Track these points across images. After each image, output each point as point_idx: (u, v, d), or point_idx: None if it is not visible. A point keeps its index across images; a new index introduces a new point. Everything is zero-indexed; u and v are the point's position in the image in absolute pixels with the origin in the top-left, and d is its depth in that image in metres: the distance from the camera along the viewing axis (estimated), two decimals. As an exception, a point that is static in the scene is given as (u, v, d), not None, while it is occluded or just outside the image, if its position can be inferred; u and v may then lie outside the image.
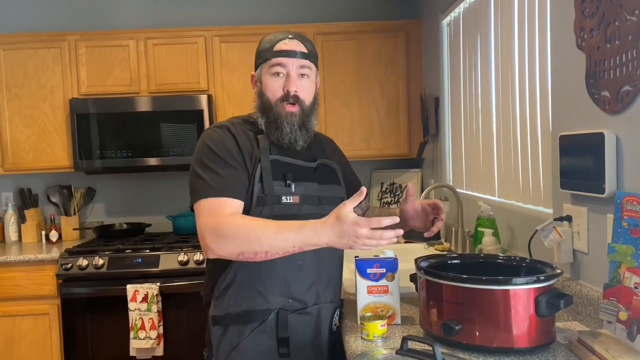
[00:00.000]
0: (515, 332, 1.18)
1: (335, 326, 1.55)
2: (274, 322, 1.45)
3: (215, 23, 3.51)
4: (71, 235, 3.44)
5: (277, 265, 1.43)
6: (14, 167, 3.26)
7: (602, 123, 1.36)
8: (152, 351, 2.84)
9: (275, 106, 1.48)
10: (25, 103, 3.24)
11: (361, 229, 1.21)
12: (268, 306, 1.45)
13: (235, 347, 1.45)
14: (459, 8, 2.63)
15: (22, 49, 3.23)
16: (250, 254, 1.31)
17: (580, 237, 1.48)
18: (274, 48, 1.49)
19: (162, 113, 3.18)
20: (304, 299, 1.48)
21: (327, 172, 1.58)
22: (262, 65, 1.51)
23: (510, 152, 2.06)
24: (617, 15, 1.27)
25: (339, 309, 1.56)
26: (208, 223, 1.35)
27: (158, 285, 2.83)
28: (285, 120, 1.48)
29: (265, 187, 1.43)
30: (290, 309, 1.46)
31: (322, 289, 1.51)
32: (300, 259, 1.44)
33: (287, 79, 1.49)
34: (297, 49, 1.49)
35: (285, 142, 1.49)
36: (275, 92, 1.49)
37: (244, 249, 1.30)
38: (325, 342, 1.50)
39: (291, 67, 1.48)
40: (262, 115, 1.51)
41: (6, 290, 2.96)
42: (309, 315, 1.48)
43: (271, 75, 1.49)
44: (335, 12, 3.59)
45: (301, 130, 1.50)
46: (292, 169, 1.49)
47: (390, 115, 3.35)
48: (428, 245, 2.57)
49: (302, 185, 1.48)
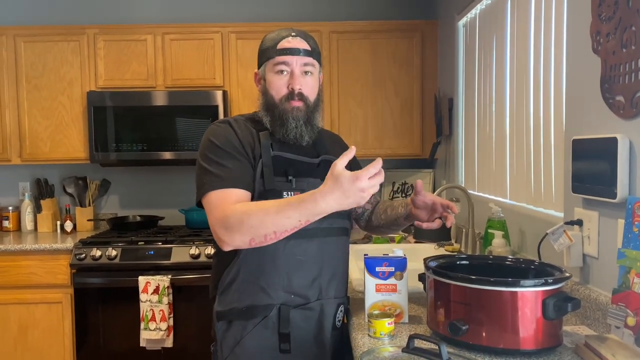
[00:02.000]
0: (522, 334, 1.18)
1: (340, 322, 1.55)
2: (276, 318, 1.45)
3: (231, 20, 3.54)
4: (85, 226, 3.50)
5: (279, 260, 1.44)
6: (31, 157, 3.32)
7: (615, 128, 1.35)
8: (161, 342, 2.88)
9: (280, 104, 1.49)
10: (44, 95, 3.29)
11: (362, 182, 1.22)
12: (270, 301, 1.45)
13: (238, 342, 1.46)
14: (475, 9, 2.62)
15: (41, 42, 3.28)
16: (261, 238, 1.32)
17: (591, 242, 1.47)
18: (277, 46, 1.49)
19: (177, 108, 3.22)
20: (306, 294, 1.47)
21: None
22: (266, 63, 1.52)
23: (522, 155, 2.06)
24: (633, 20, 1.27)
25: (343, 305, 1.56)
26: (217, 216, 1.37)
27: (169, 277, 2.87)
28: (290, 116, 1.48)
29: (266, 182, 1.43)
30: (293, 304, 1.46)
31: (325, 285, 1.50)
32: (301, 254, 1.45)
33: (291, 77, 1.49)
34: (301, 47, 1.49)
35: (290, 138, 1.50)
36: (280, 90, 1.49)
37: (253, 235, 1.32)
38: (327, 338, 1.50)
39: (295, 65, 1.49)
40: (267, 113, 1.51)
41: (21, 278, 3.02)
42: (312, 311, 1.48)
43: (275, 73, 1.50)
44: (350, 11, 3.60)
45: (306, 126, 1.51)
46: (293, 165, 1.49)
47: (403, 115, 3.36)
48: (438, 246, 2.57)
49: (304, 181, 1.48)
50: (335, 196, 1.25)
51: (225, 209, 1.36)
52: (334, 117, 3.33)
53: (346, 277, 1.61)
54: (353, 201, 1.25)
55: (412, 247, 2.65)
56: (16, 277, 3.02)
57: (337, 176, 1.24)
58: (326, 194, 1.26)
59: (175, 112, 3.22)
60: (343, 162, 1.26)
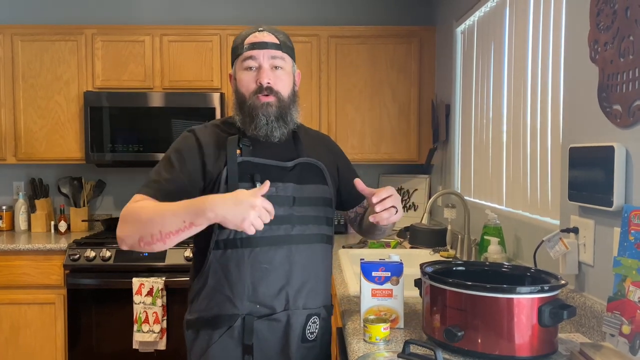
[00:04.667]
0: (517, 341, 1.18)
1: (314, 335, 1.48)
2: (240, 328, 1.41)
3: (230, 22, 3.54)
4: (80, 226, 3.48)
5: (243, 268, 1.41)
6: (26, 157, 3.31)
7: (612, 136, 1.36)
8: (154, 345, 2.86)
9: (249, 99, 1.45)
10: (40, 94, 3.28)
11: (257, 200, 1.22)
12: (235, 311, 1.41)
13: (204, 352, 1.43)
14: (473, 16, 2.64)
15: (39, 41, 3.27)
16: (148, 237, 1.30)
17: (586, 249, 1.48)
18: (244, 42, 1.47)
19: (174, 109, 3.21)
20: (272, 304, 1.42)
21: (307, 172, 1.50)
22: (236, 61, 1.49)
23: (519, 162, 2.07)
24: (631, 30, 1.27)
25: (317, 316, 1.48)
26: (122, 212, 1.38)
27: (163, 279, 2.86)
28: (260, 112, 1.44)
29: (230, 189, 1.38)
30: (257, 314, 1.42)
31: (293, 295, 1.43)
32: (267, 262, 1.41)
33: (258, 72, 1.45)
34: (268, 40, 1.46)
35: (261, 134, 1.45)
36: (249, 85, 1.46)
37: (142, 232, 1.30)
38: (294, 351, 1.44)
39: (262, 58, 1.45)
40: (239, 112, 1.48)
41: (14, 278, 3.00)
42: (277, 322, 1.43)
43: (244, 69, 1.47)
44: (349, 16, 3.61)
45: (278, 122, 1.45)
46: (262, 170, 1.43)
47: (400, 120, 3.36)
48: (433, 251, 2.58)
49: (272, 185, 1.40)
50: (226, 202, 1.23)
51: (128, 205, 1.37)
52: (331, 121, 3.33)
53: (324, 286, 1.52)
54: (239, 213, 1.21)
55: (407, 252, 2.65)
56: (9, 277, 3.00)
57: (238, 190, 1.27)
58: (216, 198, 1.26)
59: (172, 114, 3.21)
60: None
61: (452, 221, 2.70)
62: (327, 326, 1.54)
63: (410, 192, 3.53)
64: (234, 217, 1.22)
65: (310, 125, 1.71)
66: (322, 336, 1.52)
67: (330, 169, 1.57)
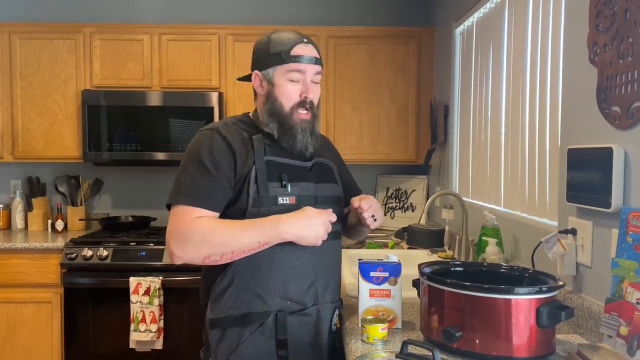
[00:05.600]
0: (515, 342, 1.18)
1: (335, 327, 1.54)
2: (272, 324, 1.43)
3: (229, 22, 3.54)
4: (77, 225, 3.47)
5: (274, 266, 1.43)
6: (23, 155, 3.29)
7: (611, 138, 1.36)
8: (151, 344, 2.86)
9: (291, 112, 1.47)
10: (38, 92, 3.27)
11: (324, 217, 1.40)
12: (267, 308, 1.43)
13: (234, 350, 1.44)
14: (472, 17, 2.64)
15: (37, 39, 3.26)
16: (217, 256, 1.37)
17: (584, 251, 1.48)
18: (291, 52, 1.45)
19: (172, 109, 3.20)
20: (303, 300, 1.46)
21: (322, 171, 1.55)
22: (276, 67, 1.46)
23: (517, 163, 2.07)
24: (631, 32, 1.28)
25: (338, 309, 1.56)
26: (175, 229, 1.37)
27: (161, 279, 2.85)
28: (300, 128, 1.47)
29: (261, 188, 1.41)
30: (289, 310, 1.45)
31: (321, 290, 1.49)
32: (297, 260, 1.44)
33: (304, 85, 1.47)
34: (313, 55, 1.48)
35: (297, 148, 1.48)
36: (292, 98, 1.47)
37: (211, 252, 1.36)
38: (324, 343, 1.49)
39: (309, 73, 1.47)
40: (273, 120, 1.48)
41: (10, 276, 2.99)
42: (308, 317, 1.47)
43: (288, 80, 1.46)
44: (348, 16, 3.61)
45: (312, 137, 1.50)
46: (287, 170, 1.47)
47: (399, 121, 3.36)
48: (431, 252, 2.58)
49: (298, 185, 1.46)
50: (299, 223, 1.38)
51: (186, 223, 1.37)
52: (330, 121, 3.33)
53: (339, 280, 1.61)
54: (314, 232, 1.39)
55: (405, 252, 2.65)
56: (5, 275, 2.98)
57: (304, 208, 1.40)
58: (291, 218, 1.38)
59: (170, 113, 3.21)
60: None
61: (450, 222, 2.70)
62: (340, 317, 1.61)
63: (408, 192, 3.53)
64: (309, 236, 1.39)
65: (308, 124, 1.71)
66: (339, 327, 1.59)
67: (335, 168, 1.62)
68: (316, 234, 1.39)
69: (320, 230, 1.39)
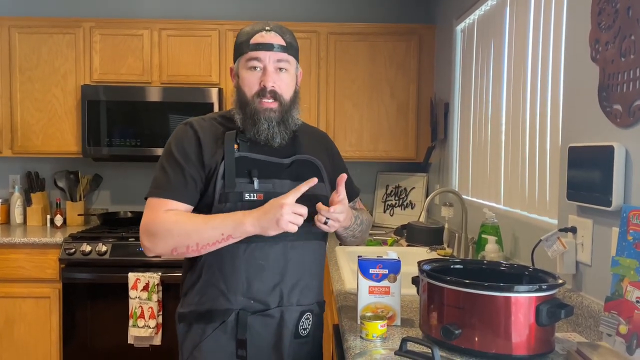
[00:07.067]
0: (514, 340, 1.18)
1: (306, 331, 1.50)
2: (234, 323, 1.42)
3: (229, 17, 3.53)
4: (76, 220, 3.46)
5: (238, 264, 1.41)
6: (22, 149, 3.29)
7: (612, 136, 1.36)
8: (150, 340, 2.86)
9: (252, 101, 1.44)
10: (38, 87, 3.26)
11: (284, 198, 1.30)
12: (229, 306, 1.42)
13: (197, 346, 1.43)
14: (473, 15, 2.63)
15: (37, 33, 3.25)
16: (183, 248, 1.36)
17: (584, 249, 1.48)
18: (250, 41, 1.44)
19: (172, 104, 3.20)
20: (266, 300, 1.43)
21: (305, 168, 1.50)
22: (239, 58, 1.47)
23: (517, 161, 2.06)
24: (633, 30, 1.27)
25: (311, 312, 1.50)
26: (145, 222, 1.39)
27: (159, 274, 2.85)
28: (262, 117, 1.43)
29: (227, 183, 1.40)
30: (252, 310, 1.42)
31: (287, 291, 1.45)
32: (263, 258, 1.42)
33: (263, 74, 1.44)
34: (275, 42, 1.44)
35: (262, 138, 1.45)
36: (252, 86, 1.44)
37: (177, 244, 1.36)
38: (287, 347, 1.45)
39: (268, 61, 1.43)
40: (240, 111, 1.47)
41: (9, 271, 2.98)
42: (271, 318, 1.44)
43: (247, 69, 1.45)
44: (349, 13, 3.60)
45: (279, 127, 1.45)
46: (259, 165, 1.44)
47: (399, 118, 3.36)
48: (430, 250, 2.57)
49: (269, 182, 1.43)
50: (259, 211, 1.33)
51: (155, 216, 1.37)
52: (330, 118, 3.32)
53: (317, 282, 1.54)
54: (272, 216, 1.30)
55: (404, 250, 2.65)
56: (4, 270, 2.98)
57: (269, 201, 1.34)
58: (253, 212, 1.34)
59: (170, 109, 3.20)
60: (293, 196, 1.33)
61: (449, 219, 2.70)
62: (319, 322, 1.56)
63: (407, 190, 3.52)
64: (269, 221, 1.31)
65: (308, 121, 1.69)
66: (315, 332, 1.54)
67: (326, 167, 1.56)
68: (275, 217, 1.29)
69: (278, 213, 1.29)
